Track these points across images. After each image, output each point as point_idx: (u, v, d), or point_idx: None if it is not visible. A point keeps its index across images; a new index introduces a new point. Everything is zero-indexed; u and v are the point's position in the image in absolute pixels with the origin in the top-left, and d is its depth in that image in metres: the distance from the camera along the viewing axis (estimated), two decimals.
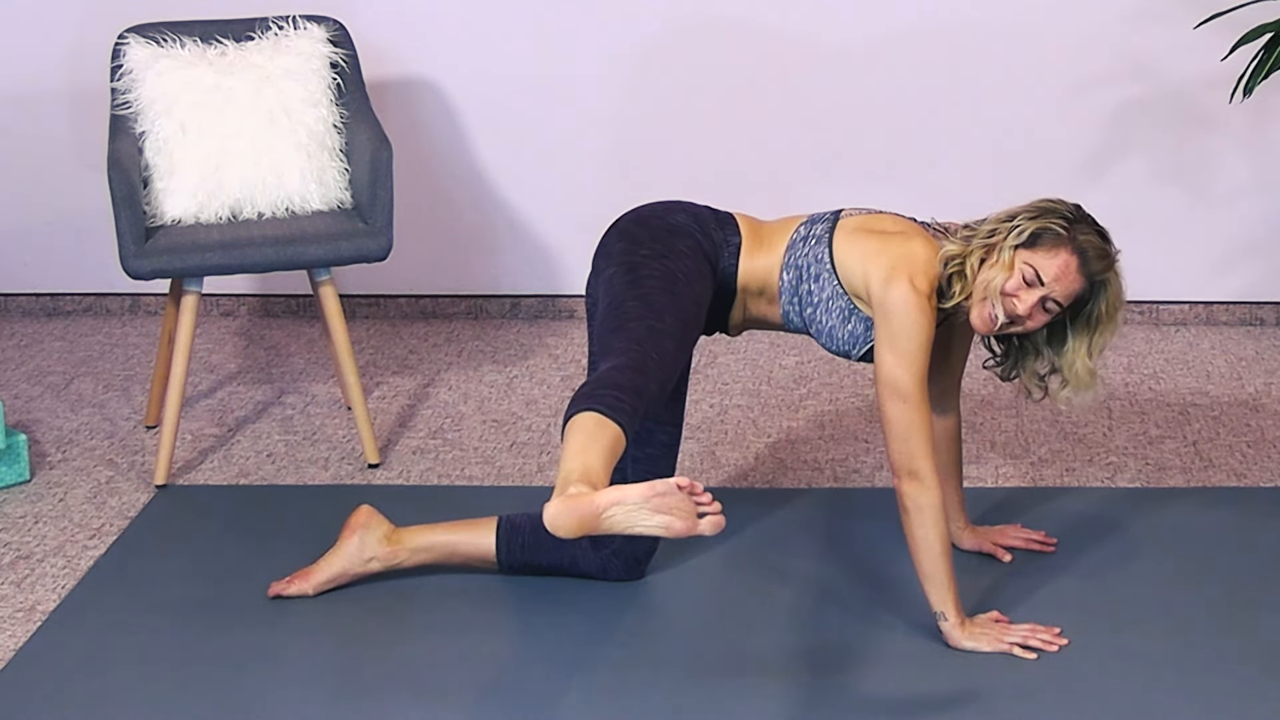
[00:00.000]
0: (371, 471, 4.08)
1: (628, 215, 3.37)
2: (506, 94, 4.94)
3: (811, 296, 3.28)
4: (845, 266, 3.24)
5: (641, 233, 3.28)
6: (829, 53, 4.82)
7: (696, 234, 3.28)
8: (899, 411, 3.12)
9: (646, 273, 3.18)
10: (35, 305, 5.21)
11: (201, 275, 3.94)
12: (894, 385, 3.13)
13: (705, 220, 3.33)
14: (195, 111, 4.11)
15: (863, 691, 3.10)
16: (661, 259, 3.20)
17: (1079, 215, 3.22)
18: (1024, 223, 3.17)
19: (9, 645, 3.32)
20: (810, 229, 3.31)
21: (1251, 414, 4.31)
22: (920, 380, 3.13)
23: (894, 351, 3.13)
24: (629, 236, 3.28)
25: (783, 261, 3.30)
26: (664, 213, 3.33)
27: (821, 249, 3.26)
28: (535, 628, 3.31)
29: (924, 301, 3.14)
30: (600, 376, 2.94)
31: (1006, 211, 3.22)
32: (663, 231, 3.27)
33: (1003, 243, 3.16)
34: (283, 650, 3.26)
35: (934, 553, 3.15)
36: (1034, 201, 3.23)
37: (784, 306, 3.32)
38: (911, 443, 3.12)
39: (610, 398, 2.85)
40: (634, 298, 3.14)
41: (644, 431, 3.35)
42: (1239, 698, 3.05)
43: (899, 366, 3.12)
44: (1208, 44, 4.36)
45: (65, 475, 4.07)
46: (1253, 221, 4.87)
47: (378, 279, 5.03)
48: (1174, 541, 3.62)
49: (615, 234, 3.32)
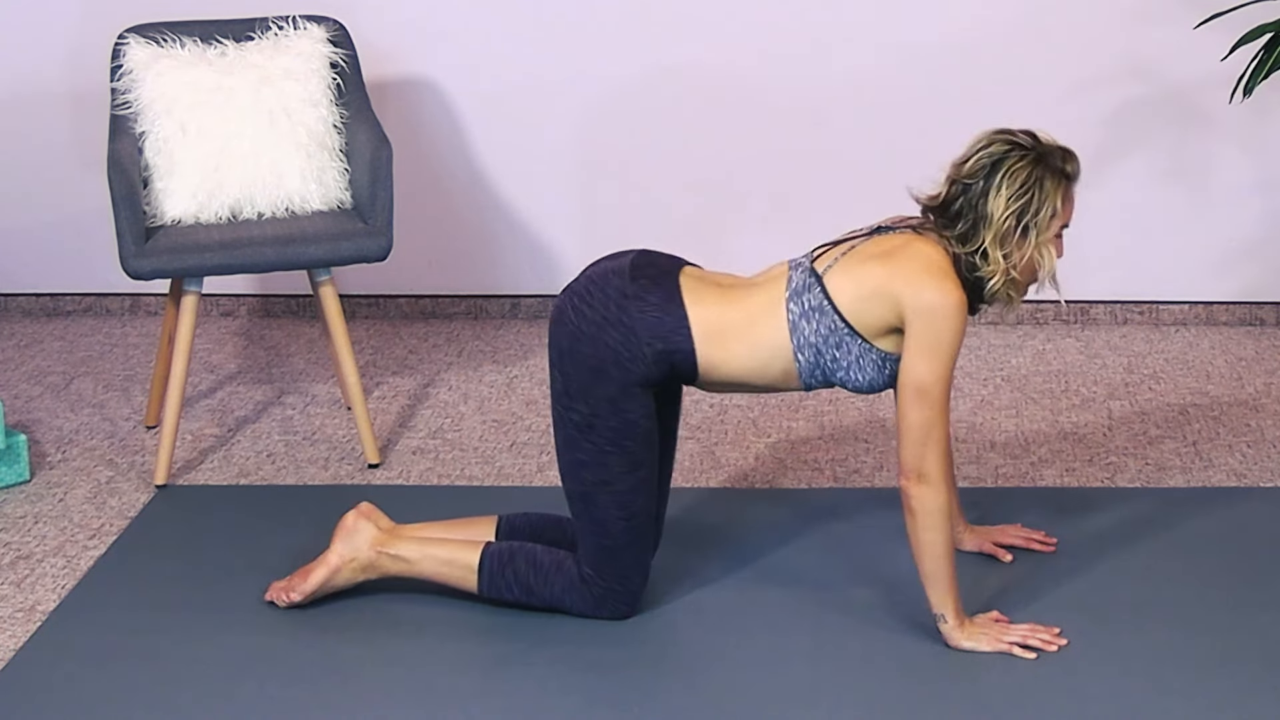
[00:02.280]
0: (371, 471, 4.08)
1: (564, 329, 3.20)
2: (506, 94, 4.94)
3: (838, 362, 3.17)
4: (862, 313, 3.13)
5: (581, 385, 3.17)
6: (830, 52, 4.82)
7: (634, 381, 3.18)
8: (922, 416, 3.09)
9: (610, 470, 3.20)
10: (35, 305, 5.21)
11: (201, 275, 3.94)
12: (922, 389, 3.08)
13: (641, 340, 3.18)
14: (195, 111, 4.11)
15: (863, 691, 3.10)
16: (617, 444, 3.18)
17: (1037, 143, 3.15)
18: (1039, 205, 3.10)
19: (9, 645, 3.32)
20: (802, 302, 3.16)
21: (1251, 414, 4.31)
22: (947, 384, 3.10)
23: (928, 355, 3.07)
24: (569, 383, 3.18)
25: (793, 347, 3.16)
26: (594, 351, 3.17)
27: (830, 319, 3.14)
28: (534, 628, 3.31)
29: (963, 298, 3.10)
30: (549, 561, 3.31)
31: (993, 194, 3.10)
32: (602, 396, 3.17)
33: (1041, 237, 3.12)
34: (282, 650, 3.26)
35: (937, 555, 3.14)
36: (1008, 167, 3.10)
37: (805, 380, 3.22)
38: (928, 446, 3.10)
39: (505, 578, 3.31)
40: (607, 495, 3.22)
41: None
42: (1239, 697, 3.05)
43: (931, 372, 3.08)
44: (1208, 44, 4.36)
45: (65, 475, 4.07)
46: (1253, 221, 4.87)
47: (378, 279, 5.03)
48: (1174, 541, 3.62)
49: (560, 355, 3.20)
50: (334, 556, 3.37)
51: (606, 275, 3.22)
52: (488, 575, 3.33)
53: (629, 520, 3.24)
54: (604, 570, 3.27)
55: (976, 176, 3.13)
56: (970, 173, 3.14)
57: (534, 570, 3.31)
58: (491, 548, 3.35)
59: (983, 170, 3.13)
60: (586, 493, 3.23)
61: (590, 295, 3.20)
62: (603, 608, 3.31)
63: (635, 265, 3.22)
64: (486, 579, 3.33)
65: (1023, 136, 3.16)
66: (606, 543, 3.25)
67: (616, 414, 3.18)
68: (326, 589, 3.38)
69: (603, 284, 3.21)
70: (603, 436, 3.19)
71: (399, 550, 3.36)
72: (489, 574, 3.32)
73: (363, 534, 3.38)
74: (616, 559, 3.27)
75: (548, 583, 3.31)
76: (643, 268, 3.22)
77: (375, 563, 3.37)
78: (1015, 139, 3.15)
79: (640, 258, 3.25)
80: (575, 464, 3.23)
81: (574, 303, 3.21)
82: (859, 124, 4.87)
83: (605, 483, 3.21)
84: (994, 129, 3.19)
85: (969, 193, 3.14)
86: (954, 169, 3.18)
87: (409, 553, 3.36)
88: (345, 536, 3.38)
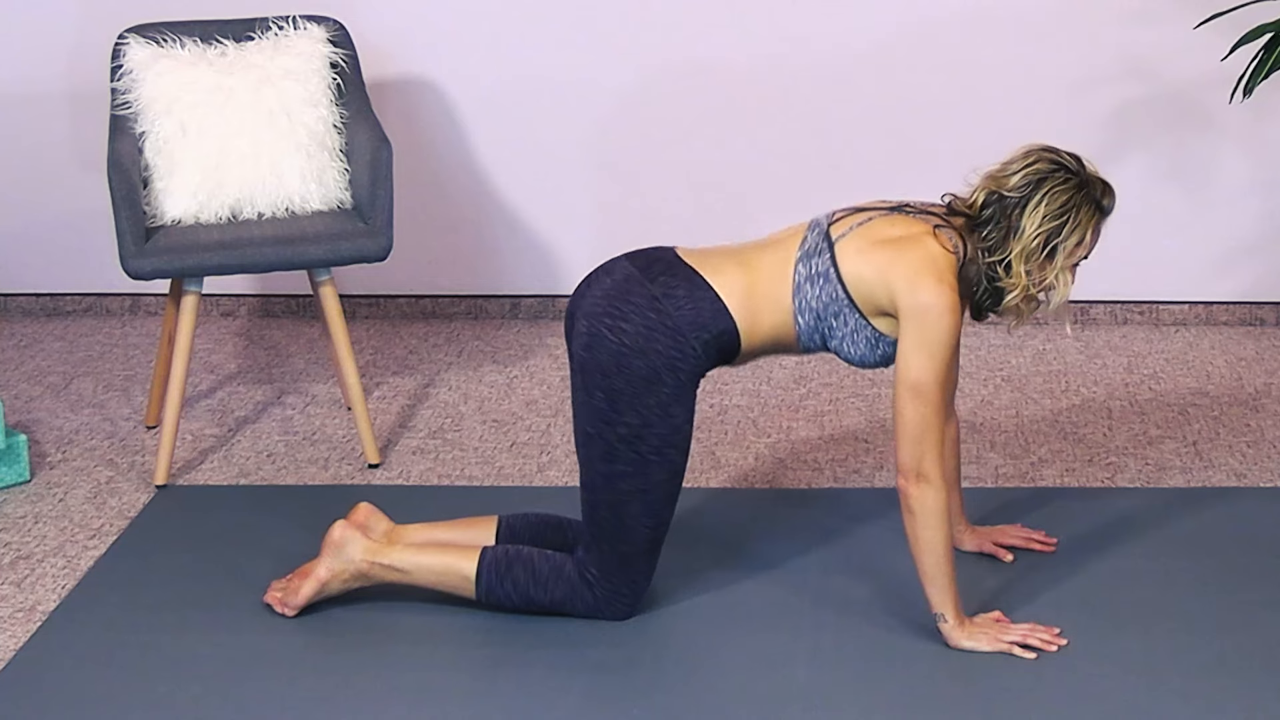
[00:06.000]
0: (371, 471, 4.08)
1: (605, 350, 3.17)
2: (506, 94, 4.94)
3: (834, 331, 3.19)
4: (862, 289, 3.15)
5: (631, 397, 3.17)
6: (831, 52, 4.82)
7: (685, 387, 3.20)
8: (918, 413, 3.09)
9: (650, 479, 3.20)
10: (35, 305, 5.21)
11: (201, 275, 3.94)
12: (918, 387, 3.09)
13: (690, 340, 3.18)
14: (195, 111, 4.11)
15: (863, 691, 3.10)
16: (661, 452, 3.19)
17: (1082, 169, 3.16)
18: (1070, 231, 3.10)
19: (9, 645, 3.32)
20: (810, 265, 3.18)
21: (1251, 414, 4.31)
22: (942, 382, 3.10)
23: (922, 353, 3.08)
24: (616, 399, 3.17)
25: (794, 308, 3.19)
26: (642, 358, 3.16)
27: (833, 287, 3.16)
28: (532, 629, 3.31)
29: (956, 300, 3.11)
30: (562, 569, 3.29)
31: (1030, 209, 3.11)
32: (654, 404, 3.17)
33: (1064, 262, 3.13)
34: (282, 650, 3.26)
35: (937, 555, 3.14)
36: (1049, 190, 3.12)
37: (803, 343, 3.24)
38: (924, 444, 3.10)
39: (503, 588, 3.30)
40: (640, 504, 3.22)
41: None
42: (1239, 697, 3.05)
43: (926, 369, 3.08)
44: (1208, 44, 4.36)
45: (65, 475, 4.07)
46: (1253, 221, 4.87)
47: (378, 279, 5.03)
48: (1174, 541, 3.62)
49: (604, 375, 3.17)
50: (322, 570, 3.34)
51: (622, 286, 3.19)
52: (485, 585, 3.31)
53: (655, 528, 3.25)
54: (615, 574, 3.27)
55: (1017, 190, 3.14)
56: (1012, 185, 3.15)
57: (532, 579, 3.30)
58: (488, 556, 3.32)
59: (1025, 185, 3.14)
60: (619, 502, 3.22)
61: (620, 311, 3.17)
62: (606, 609, 3.30)
63: (641, 268, 3.22)
64: (484, 589, 3.32)
65: (1069, 159, 3.16)
66: (626, 549, 3.25)
67: (666, 420, 3.18)
68: (319, 598, 3.37)
69: (625, 294, 3.18)
70: (649, 445, 3.18)
71: (393, 560, 3.33)
72: (486, 584, 3.31)
73: (352, 546, 3.34)
74: (632, 564, 3.27)
75: (547, 590, 3.30)
76: (649, 266, 3.22)
77: (368, 573, 3.35)
78: (1061, 160, 3.15)
79: (637, 258, 3.25)
80: (613, 475, 3.21)
81: (607, 323, 3.18)
82: (861, 125, 4.87)
83: (642, 491, 3.21)
84: (1039, 144, 3.20)
85: (1005, 203, 3.15)
86: (993, 179, 3.18)
87: (403, 563, 3.33)
88: (333, 551, 3.34)
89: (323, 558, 3.36)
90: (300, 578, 3.39)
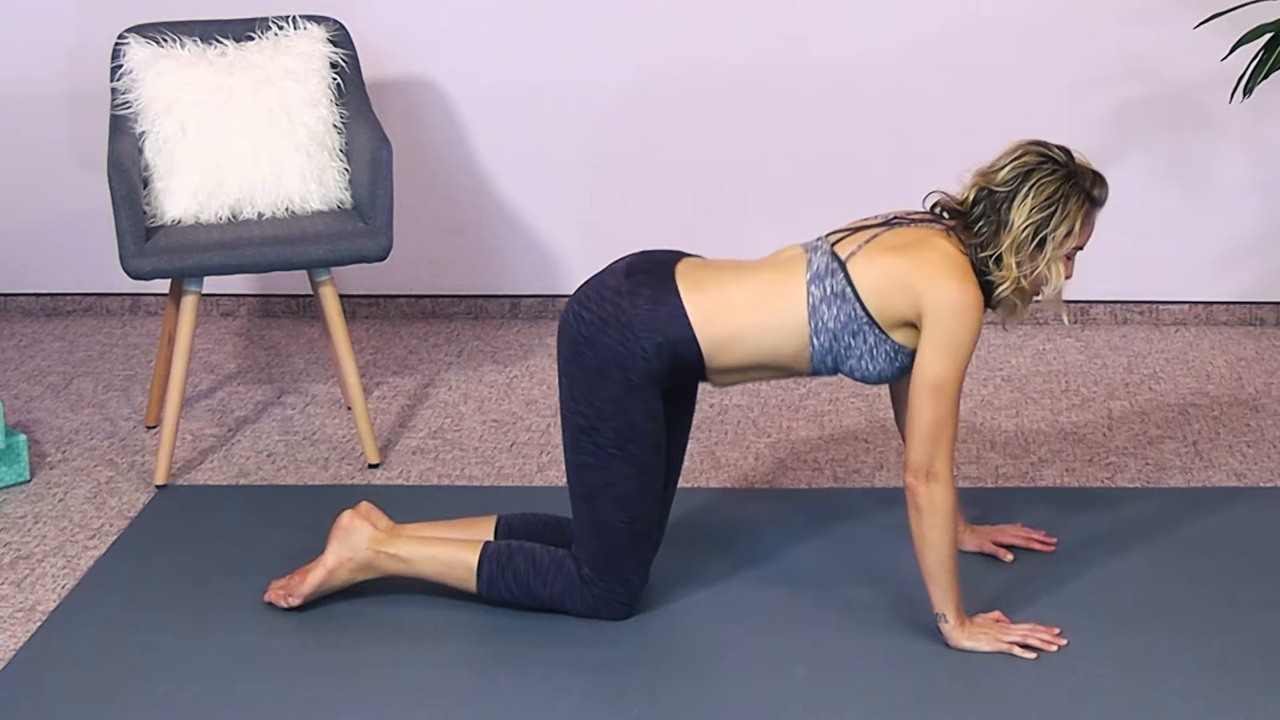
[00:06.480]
0: (371, 471, 4.08)
1: (568, 334, 3.22)
2: (506, 94, 4.94)
3: (851, 350, 3.17)
4: (881, 302, 3.13)
5: (584, 388, 3.19)
6: (831, 53, 4.82)
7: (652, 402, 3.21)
8: (936, 413, 3.09)
9: (616, 473, 3.21)
10: (35, 305, 5.21)
11: (201, 275, 3.94)
12: (939, 386, 3.08)
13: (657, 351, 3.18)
14: (195, 111, 4.11)
15: (863, 691, 3.10)
16: (620, 447, 3.19)
17: (1070, 160, 3.16)
18: (1059, 222, 3.11)
19: (9, 645, 3.32)
20: (824, 287, 3.16)
21: (1251, 414, 4.31)
22: (961, 381, 3.11)
23: (944, 352, 3.08)
24: (575, 387, 3.20)
25: (809, 329, 3.16)
26: (609, 361, 3.18)
27: (851, 306, 3.14)
28: (532, 628, 3.31)
29: (980, 298, 3.11)
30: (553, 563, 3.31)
31: (1018, 201, 3.12)
32: (605, 398, 3.18)
33: (1054, 253, 3.13)
34: (282, 650, 3.26)
35: (941, 554, 3.14)
36: (1036, 181, 3.12)
37: (815, 365, 3.21)
38: (939, 443, 3.10)
39: (504, 579, 3.31)
40: (609, 498, 3.22)
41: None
42: (1239, 697, 3.05)
43: (948, 368, 3.08)
44: (1208, 44, 4.36)
45: (65, 475, 4.07)
46: (1253, 221, 4.87)
47: (378, 279, 5.03)
48: (1174, 541, 3.62)
49: (566, 360, 3.22)
50: (330, 557, 3.37)
51: (604, 277, 3.25)
52: (486, 576, 3.33)
53: (631, 523, 3.24)
54: (605, 572, 3.27)
55: (1005, 184, 3.14)
56: (1000, 179, 3.15)
57: (533, 571, 3.31)
58: (490, 548, 3.34)
59: (1013, 179, 3.14)
60: (590, 495, 3.24)
61: (589, 299, 3.22)
62: (603, 608, 3.31)
63: (632, 265, 3.25)
64: (485, 580, 3.33)
65: (1057, 151, 3.17)
66: (608, 545, 3.25)
67: (620, 415, 3.18)
68: (325, 589, 3.38)
69: (599, 286, 3.23)
70: (606, 439, 3.19)
71: (397, 550, 3.36)
72: (488, 575, 3.33)
73: (359, 534, 3.37)
74: (618, 561, 3.27)
75: (547, 584, 3.31)
76: (639, 265, 3.24)
77: (373, 562, 3.37)
78: (1049, 153, 3.16)
79: (638, 257, 3.28)
80: (580, 467, 3.23)
81: (575, 308, 3.23)
82: (861, 125, 4.87)
83: (609, 485, 3.22)
84: (1028, 139, 3.20)
85: (994, 198, 3.15)
86: (983, 176, 3.19)
87: (407, 552, 3.36)
88: (341, 537, 3.38)
89: (330, 545, 3.38)
90: (300, 578, 3.40)
